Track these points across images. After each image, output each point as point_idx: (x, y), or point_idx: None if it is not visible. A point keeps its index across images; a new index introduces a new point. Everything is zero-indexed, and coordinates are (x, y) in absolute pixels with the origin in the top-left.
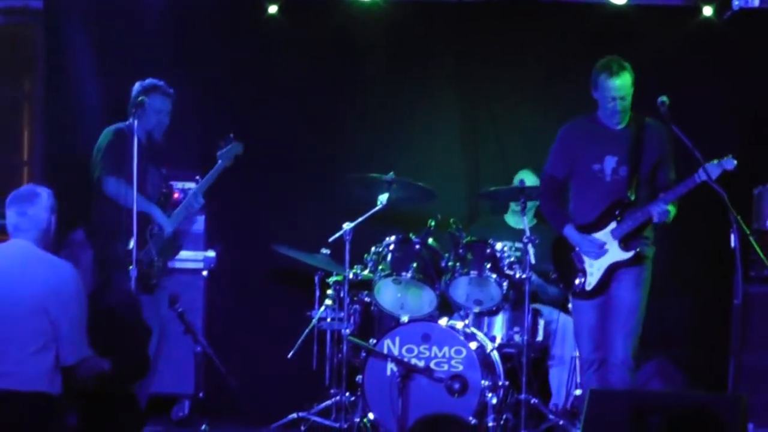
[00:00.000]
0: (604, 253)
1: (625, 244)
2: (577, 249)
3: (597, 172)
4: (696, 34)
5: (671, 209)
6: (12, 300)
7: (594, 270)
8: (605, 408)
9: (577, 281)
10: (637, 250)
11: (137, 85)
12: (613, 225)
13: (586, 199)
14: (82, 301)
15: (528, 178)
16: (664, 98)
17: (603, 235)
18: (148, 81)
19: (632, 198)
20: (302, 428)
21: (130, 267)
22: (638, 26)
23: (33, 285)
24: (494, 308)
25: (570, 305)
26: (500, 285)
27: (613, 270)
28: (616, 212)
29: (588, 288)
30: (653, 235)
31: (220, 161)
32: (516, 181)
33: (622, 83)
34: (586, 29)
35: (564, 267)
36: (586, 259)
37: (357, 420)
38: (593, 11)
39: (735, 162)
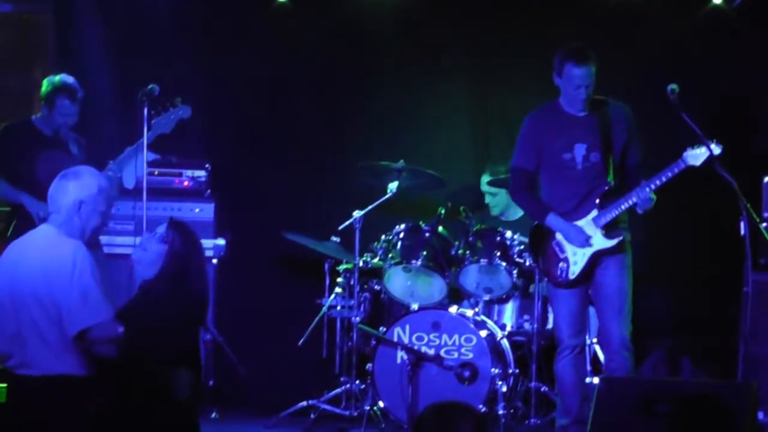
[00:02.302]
0: (589, 244)
1: (607, 232)
2: (560, 237)
3: (568, 161)
4: (706, 22)
5: (653, 196)
6: (18, 293)
7: (578, 258)
8: (615, 396)
9: (558, 271)
10: (621, 238)
11: (46, 83)
12: (594, 213)
13: (559, 189)
14: (83, 274)
15: (484, 179)
16: (674, 86)
17: (585, 223)
18: (59, 79)
19: (612, 183)
20: (312, 416)
21: None
22: (648, 15)
23: (34, 277)
24: (504, 296)
25: (548, 292)
26: (510, 273)
27: (597, 257)
28: (597, 199)
29: (571, 277)
30: (627, 218)
31: (152, 130)
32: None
33: (588, 72)
34: (596, 19)
35: (544, 256)
36: (568, 247)
37: (367, 408)
38: (603, 0)
39: (720, 147)
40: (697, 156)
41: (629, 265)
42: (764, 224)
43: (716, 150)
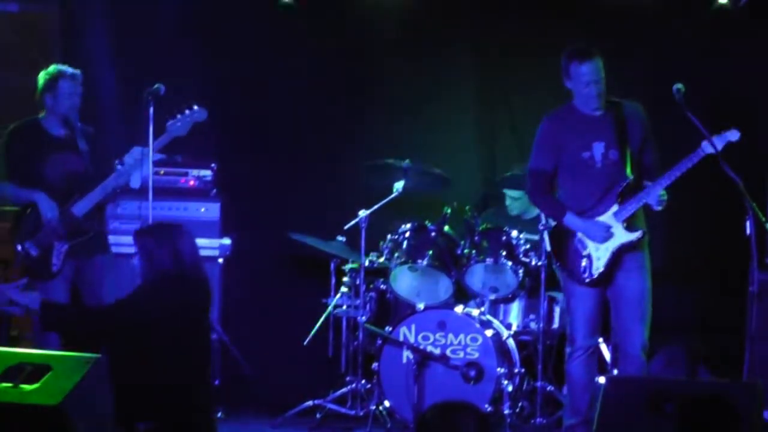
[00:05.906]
0: (610, 236)
1: (628, 226)
2: (581, 235)
3: (587, 159)
4: (711, 21)
5: (664, 193)
6: None
7: (601, 254)
8: (621, 396)
9: (582, 268)
10: (643, 231)
11: (43, 75)
12: (615, 208)
13: (578, 187)
14: None
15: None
16: (679, 85)
17: (606, 218)
18: (54, 67)
19: (631, 178)
20: (318, 416)
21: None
22: (653, 14)
23: None
24: (510, 295)
25: (565, 292)
26: (516, 272)
27: (620, 253)
28: (617, 195)
29: (596, 273)
30: (644, 218)
31: (167, 133)
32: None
33: (594, 67)
34: (601, 18)
35: (566, 255)
36: (590, 243)
37: (372, 407)
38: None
39: (739, 133)
40: (717, 141)
41: (648, 265)
42: None
43: (734, 137)
